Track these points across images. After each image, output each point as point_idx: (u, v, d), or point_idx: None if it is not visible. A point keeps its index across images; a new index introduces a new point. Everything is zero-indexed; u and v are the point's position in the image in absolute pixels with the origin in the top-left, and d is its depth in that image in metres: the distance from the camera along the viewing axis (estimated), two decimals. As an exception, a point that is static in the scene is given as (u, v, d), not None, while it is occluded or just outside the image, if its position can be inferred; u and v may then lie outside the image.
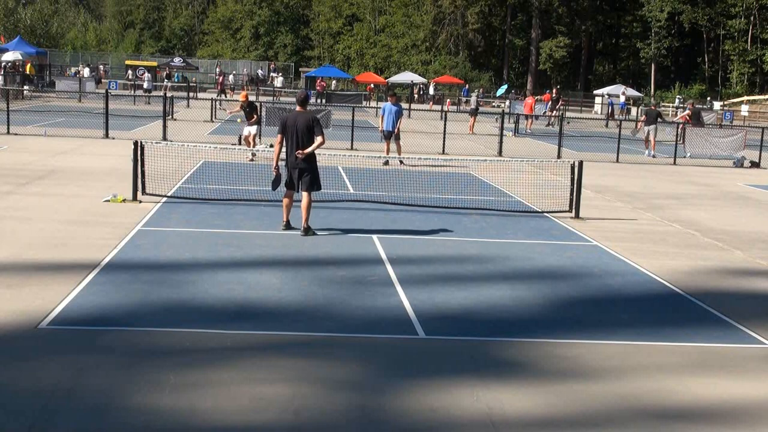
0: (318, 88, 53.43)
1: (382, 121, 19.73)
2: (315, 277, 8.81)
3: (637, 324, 7.77)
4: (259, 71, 67.90)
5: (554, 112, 39.72)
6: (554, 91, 42.35)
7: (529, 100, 39.20)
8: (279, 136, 10.83)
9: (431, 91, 59.81)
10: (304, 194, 10.81)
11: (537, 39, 73.39)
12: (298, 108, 11.04)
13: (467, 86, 61.64)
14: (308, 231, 10.87)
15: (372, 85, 64.40)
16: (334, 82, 60.91)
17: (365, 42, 79.17)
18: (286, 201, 11.11)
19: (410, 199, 14.02)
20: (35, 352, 6.21)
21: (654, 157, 26.08)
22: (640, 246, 11.43)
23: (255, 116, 19.74)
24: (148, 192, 13.03)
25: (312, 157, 10.79)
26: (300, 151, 10.59)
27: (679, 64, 76.43)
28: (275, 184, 11.12)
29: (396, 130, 19.56)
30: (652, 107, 32.18)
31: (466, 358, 6.57)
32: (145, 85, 46.28)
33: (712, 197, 17.35)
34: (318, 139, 10.65)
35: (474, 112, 34.33)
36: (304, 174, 10.74)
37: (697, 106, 32.05)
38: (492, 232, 11.84)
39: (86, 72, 55.56)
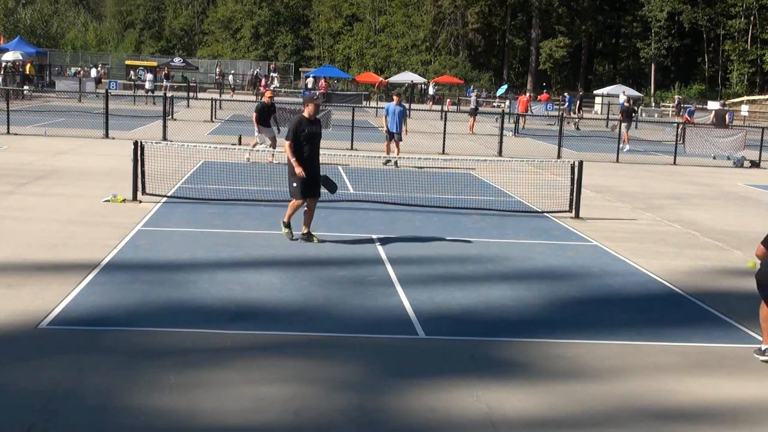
0: (321, 88, 53.22)
1: (385, 122, 19.51)
2: (315, 277, 8.81)
3: (637, 324, 7.77)
4: (257, 71, 67.78)
5: (579, 113, 39.58)
6: (579, 91, 42.26)
7: (524, 98, 39.24)
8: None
9: (431, 90, 59.65)
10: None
11: (537, 39, 73.37)
12: None
13: (472, 86, 61.38)
14: (285, 226, 10.60)
15: (381, 79, 63.65)
16: (311, 80, 60.23)
17: (365, 42, 79.11)
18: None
19: (410, 199, 14.02)
20: (35, 352, 6.21)
21: (629, 151, 26.61)
22: (640, 246, 11.43)
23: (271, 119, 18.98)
24: (148, 192, 13.03)
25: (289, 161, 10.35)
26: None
27: (679, 64, 76.41)
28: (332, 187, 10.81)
29: (403, 131, 19.28)
30: (625, 104, 32.79)
31: (466, 358, 6.57)
32: (147, 85, 46.28)
33: (712, 197, 17.35)
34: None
35: (474, 112, 34.31)
36: None
37: (724, 108, 30.40)
38: (492, 232, 11.84)
39: (93, 72, 55.12)
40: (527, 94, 45.39)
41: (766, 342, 6.94)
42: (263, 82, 53.51)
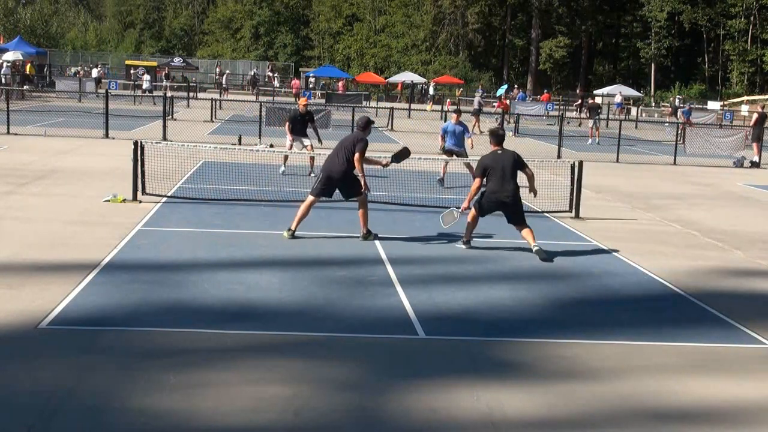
0: (340, 89, 52.14)
1: (443, 142, 16.73)
2: (315, 277, 8.81)
3: (637, 324, 7.77)
4: (255, 71, 67.57)
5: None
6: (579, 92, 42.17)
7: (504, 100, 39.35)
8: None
9: (431, 91, 59.45)
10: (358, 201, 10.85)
11: (537, 39, 73.37)
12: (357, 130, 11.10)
13: (479, 87, 61.07)
14: (368, 235, 10.84)
15: (404, 81, 62.43)
16: (341, 84, 59.71)
17: (365, 42, 79.11)
18: (305, 208, 10.75)
19: (410, 199, 14.02)
20: (35, 352, 6.21)
21: (598, 144, 28.74)
22: (640, 246, 11.43)
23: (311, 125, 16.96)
24: (148, 192, 13.03)
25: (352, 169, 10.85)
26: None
27: (679, 64, 76.39)
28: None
29: (468, 145, 16.78)
30: (591, 101, 34.71)
31: (466, 358, 6.57)
32: (144, 85, 46.23)
33: (712, 197, 17.35)
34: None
35: (477, 113, 33.91)
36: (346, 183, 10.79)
37: (764, 110, 27.23)
38: (492, 232, 11.84)
39: (94, 72, 54.79)
40: (512, 92, 45.33)
41: (466, 237, 10.69)
42: (296, 83, 52.97)
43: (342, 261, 9.64)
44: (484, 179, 10.51)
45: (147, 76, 48.36)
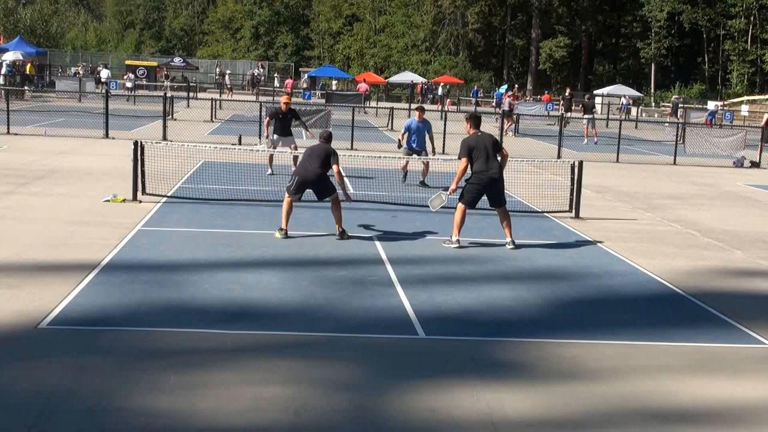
0: (361, 89, 51.08)
1: (404, 139, 15.94)
2: (315, 277, 8.81)
3: (637, 324, 7.77)
4: (255, 71, 67.48)
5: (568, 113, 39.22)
6: (567, 91, 41.88)
7: (507, 96, 39.28)
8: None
9: (440, 91, 58.78)
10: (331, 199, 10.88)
11: (537, 39, 73.36)
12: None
13: (476, 87, 60.59)
14: (344, 234, 10.94)
15: (421, 82, 61.44)
16: (363, 85, 58.79)
17: (365, 42, 79.11)
18: (288, 206, 10.82)
19: (410, 199, 14.02)
20: (35, 352, 6.21)
21: (596, 143, 28.58)
22: (640, 246, 11.43)
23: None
24: (148, 192, 13.03)
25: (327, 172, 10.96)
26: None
27: (679, 64, 76.38)
28: None
29: (429, 148, 16.11)
30: (587, 100, 36.04)
31: (466, 358, 6.57)
32: (127, 84, 46.01)
33: (712, 197, 17.35)
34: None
35: (508, 115, 31.39)
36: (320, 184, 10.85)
37: None
38: (492, 232, 11.84)
39: (104, 74, 54.25)
40: (510, 92, 45.10)
41: (455, 234, 10.62)
42: (290, 82, 52.67)
43: (342, 261, 9.64)
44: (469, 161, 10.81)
45: (129, 75, 48.04)
